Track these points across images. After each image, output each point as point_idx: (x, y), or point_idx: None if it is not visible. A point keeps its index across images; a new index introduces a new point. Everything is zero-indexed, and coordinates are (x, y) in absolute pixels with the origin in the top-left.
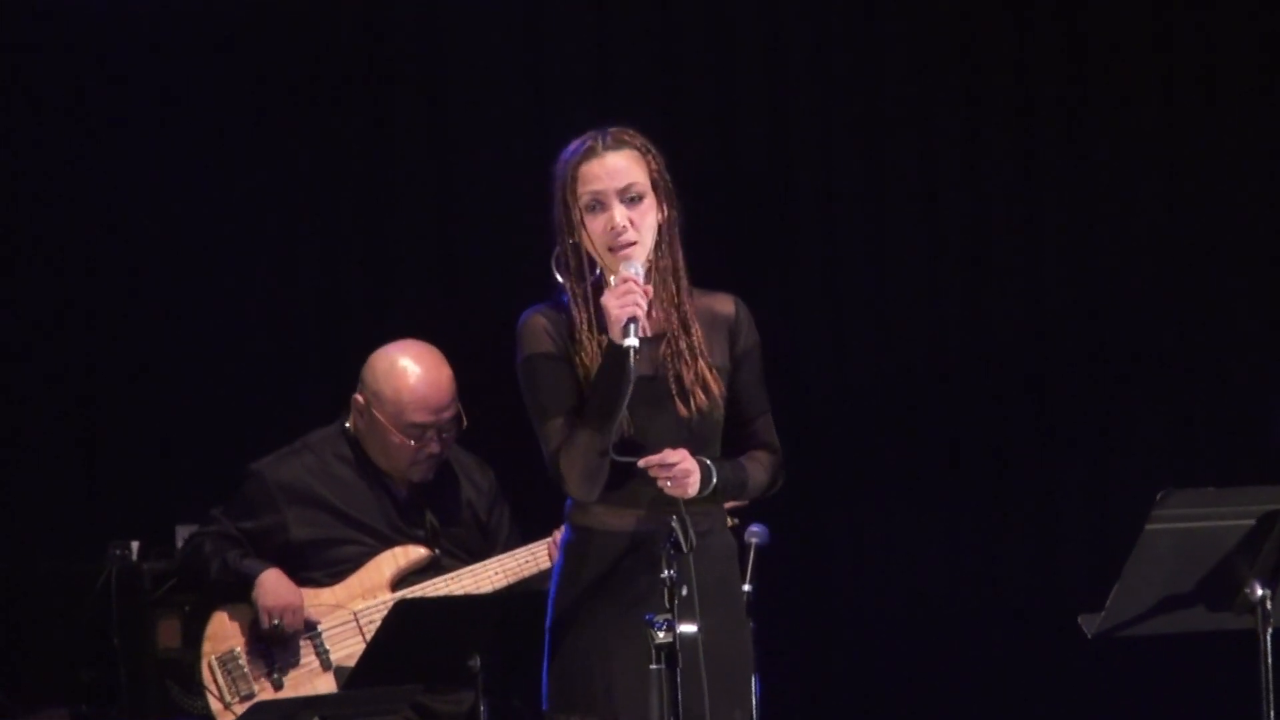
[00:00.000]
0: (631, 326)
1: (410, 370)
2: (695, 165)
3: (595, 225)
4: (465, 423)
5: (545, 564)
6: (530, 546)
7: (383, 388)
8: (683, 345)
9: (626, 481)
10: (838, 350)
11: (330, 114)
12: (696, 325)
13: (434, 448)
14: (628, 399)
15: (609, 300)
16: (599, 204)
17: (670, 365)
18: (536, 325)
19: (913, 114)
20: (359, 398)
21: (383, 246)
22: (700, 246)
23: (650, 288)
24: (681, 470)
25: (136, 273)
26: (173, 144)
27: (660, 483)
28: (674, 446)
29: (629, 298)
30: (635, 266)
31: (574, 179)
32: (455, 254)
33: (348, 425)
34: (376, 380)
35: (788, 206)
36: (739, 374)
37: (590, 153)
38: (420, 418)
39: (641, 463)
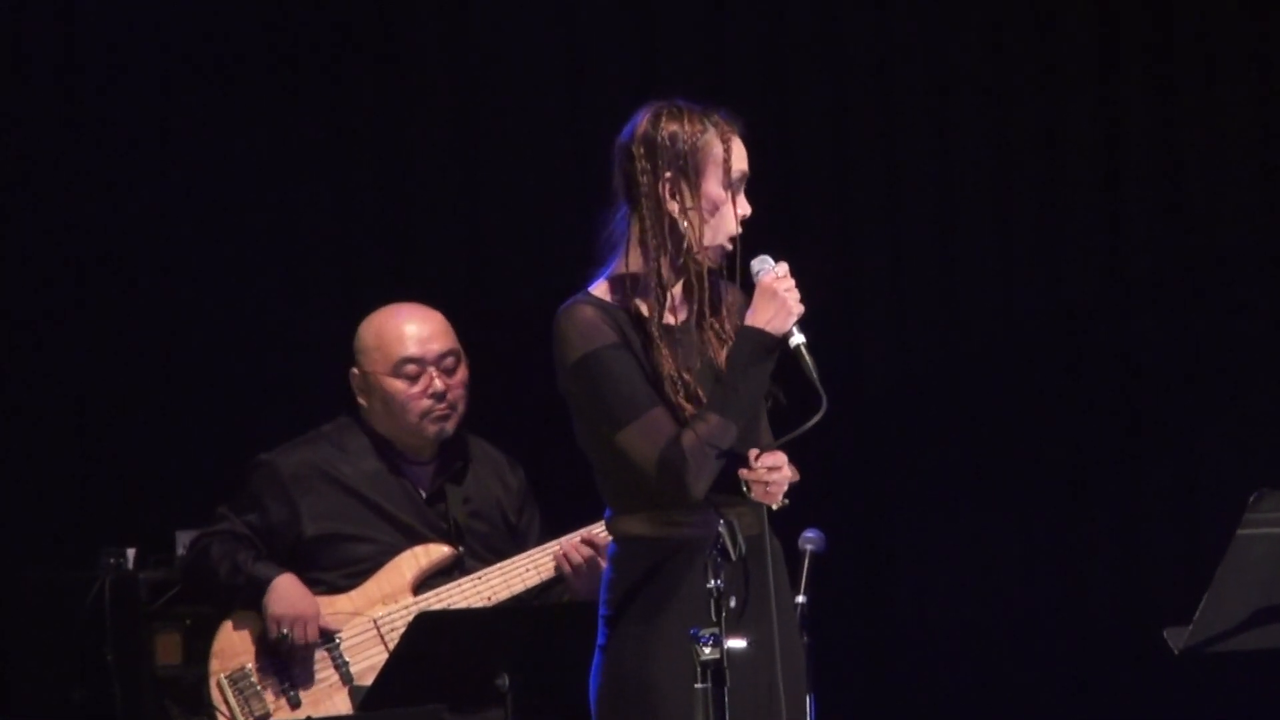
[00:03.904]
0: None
1: (389, 311)
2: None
3: (731, 205)
4: (466, 364)
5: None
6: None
7: (366, 339)
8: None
9: None
10: (902, 341)
11: (343, 107)
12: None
13: (437, 385)
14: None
15: (778, 287)
16: (740, 185)
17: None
18: (591, 317)
19: (986, 89)
20: (354, 371)
21: (399, 246)
22: (753, 235)
23: None
24: (784, 476)
25: (134, 264)
26: (170, 131)
27: (756, 488)
28: (744, 445)
29: (795, 294)
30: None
31: (730, 149)
32: (479, 252)
33: (361, 407)
34: (361, 339)
35: (847, 190)
36: None
37: (733, 129)
38: (407, 350)
39: (756, 463)
